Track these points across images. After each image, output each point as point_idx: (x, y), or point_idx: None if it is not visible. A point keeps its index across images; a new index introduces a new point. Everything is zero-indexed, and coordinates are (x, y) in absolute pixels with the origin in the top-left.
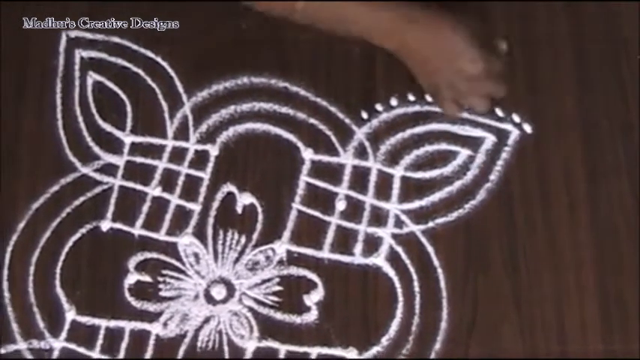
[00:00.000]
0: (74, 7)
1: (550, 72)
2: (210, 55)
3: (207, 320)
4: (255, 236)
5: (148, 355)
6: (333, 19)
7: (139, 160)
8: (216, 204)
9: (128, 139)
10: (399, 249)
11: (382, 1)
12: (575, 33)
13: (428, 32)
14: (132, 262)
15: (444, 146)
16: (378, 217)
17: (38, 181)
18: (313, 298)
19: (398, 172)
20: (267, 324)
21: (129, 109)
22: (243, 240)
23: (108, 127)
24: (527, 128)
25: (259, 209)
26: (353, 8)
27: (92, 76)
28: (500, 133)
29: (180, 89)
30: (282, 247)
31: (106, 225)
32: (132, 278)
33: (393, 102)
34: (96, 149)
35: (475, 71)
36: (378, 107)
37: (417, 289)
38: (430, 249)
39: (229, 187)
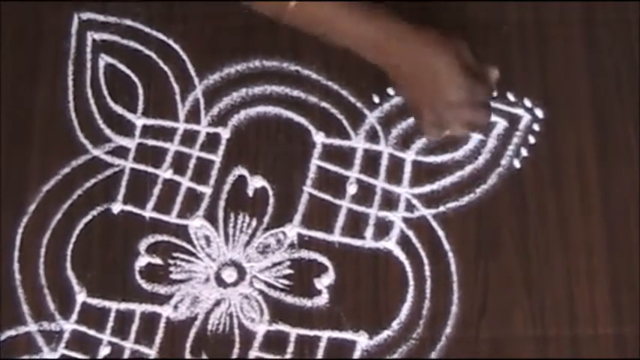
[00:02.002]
0: None
1: (562, 56)
2: (222, 38)
3: (217, 303)
4: (266, 219)
5: (158, 337)
6: (322, 26)
7: (151, 142)
8: (227, 187)
9: (140, 121)
10: (410, 233)
11: (373, 14)
12: (586, 17)
13: (414, 53)
14: (143, 245)
15: None
16: (389, 201)
17: (49, 163)
18: (324, 281)
19: (409, 156)
20: (277, 307)
21: (140, 91)
22: (254, 223)
23: (119, 110)
24: (539, 113)
25: (270, 192)
26: (343, 18)
27: (104, 59)
28: (512, 118)
29: (192, 72)
30: (293, 230)
31: (117, 207)
32: (143, 261)
33: None
34: (107, 131)
35: (457, 99)
36: (390, 91)
37: (427, 273)
38: (441, 233)
39: (240, 170)
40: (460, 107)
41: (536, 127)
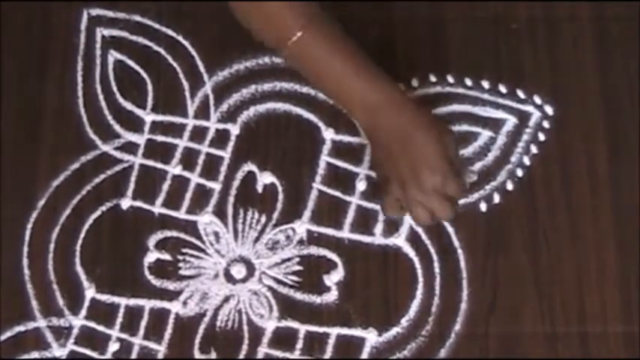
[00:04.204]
0: None
1: (572, 53)
2: (231, 34)
3: (226, 299)
4: (275, 215)
5: (167, 333)
6: (321, 71)
7: (160, 138)
8: (236, 183)
9: (149, 117)
10: (420, 229)
11: (380, 79)
12: (596, 13)
13: (405, 122)
14: (152, 241)
15: (465, 127)
16: None
17: (59, 159)
18: (333, 278)
19: None
20: (286, 304)
21: (150, 87)
22: (263, 219)
23: (129, 106)
24: (549, 110)
25: (280, 188)
26: (348, 71)
27: (113, 55)
28: (522, 115)
29: (202, 68)
30: (302, 226)
31: (126, 203)
32: (152, 256)
33: (415, 83)
34: (116, 127)
35: (429, 184)
36: (400, 87)
37: (437, 269)
38: (450, 230)
39: (250, 167)
40: (429, 193)
41: (546, 124)
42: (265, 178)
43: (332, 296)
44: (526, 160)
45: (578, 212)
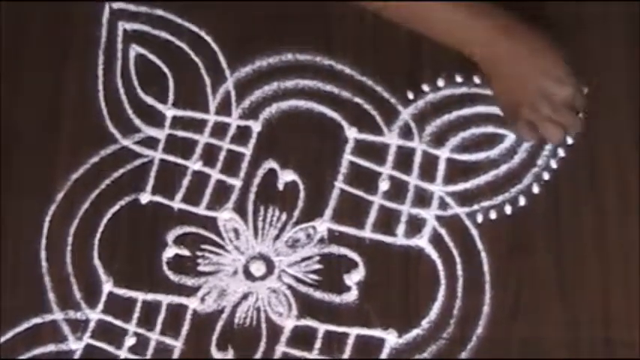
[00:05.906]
0: None
1: (602, 54)
2: (254, 30)
3: (245, 296)
4: (296, 213)
5: (184, 329)
6: (430, 14)
7: (181, 133)
8: (257, 180)
9: (170, 112)
10: (443, 231)
11: (481, 11)
12: (626, 13)
13: (524, 46)
14: (171, 236)
15: (490, 129)
16: (422, 198)
17: (78, 152)
18: (354, 277)
19: (443, 153)
20: (306, 302)
21: (171, 82)
22: (284, 217)
23: (149, 100)
24: None
25: (301, 186)
26: (446, 13)
27: (135, 49)
28: None
29: (224, 64)
30: (323, 225)
31: (145, 198)
32: (170, 252)
33: (440, 83)
34: (137, 122)
35: (562, 94)
36: (425, 88)
37: (459, 272)
38: (474, 232)
39: (271, 164)
40: (559, 109)
41: None
42: (286, 176)
43: (352, 296)
44: (553, 164)
45: (605, 216)
